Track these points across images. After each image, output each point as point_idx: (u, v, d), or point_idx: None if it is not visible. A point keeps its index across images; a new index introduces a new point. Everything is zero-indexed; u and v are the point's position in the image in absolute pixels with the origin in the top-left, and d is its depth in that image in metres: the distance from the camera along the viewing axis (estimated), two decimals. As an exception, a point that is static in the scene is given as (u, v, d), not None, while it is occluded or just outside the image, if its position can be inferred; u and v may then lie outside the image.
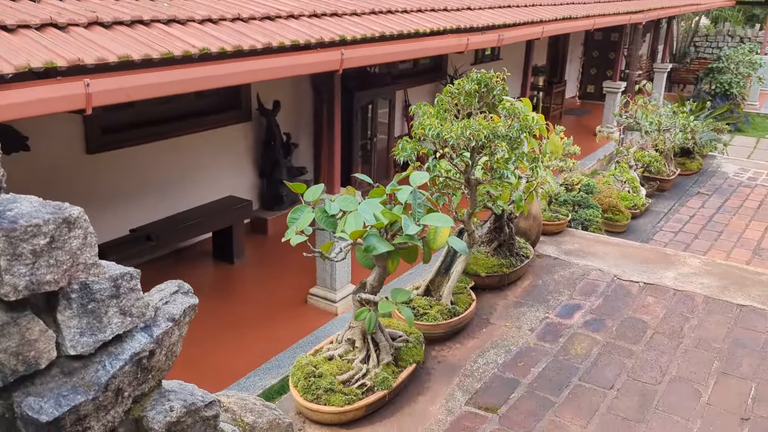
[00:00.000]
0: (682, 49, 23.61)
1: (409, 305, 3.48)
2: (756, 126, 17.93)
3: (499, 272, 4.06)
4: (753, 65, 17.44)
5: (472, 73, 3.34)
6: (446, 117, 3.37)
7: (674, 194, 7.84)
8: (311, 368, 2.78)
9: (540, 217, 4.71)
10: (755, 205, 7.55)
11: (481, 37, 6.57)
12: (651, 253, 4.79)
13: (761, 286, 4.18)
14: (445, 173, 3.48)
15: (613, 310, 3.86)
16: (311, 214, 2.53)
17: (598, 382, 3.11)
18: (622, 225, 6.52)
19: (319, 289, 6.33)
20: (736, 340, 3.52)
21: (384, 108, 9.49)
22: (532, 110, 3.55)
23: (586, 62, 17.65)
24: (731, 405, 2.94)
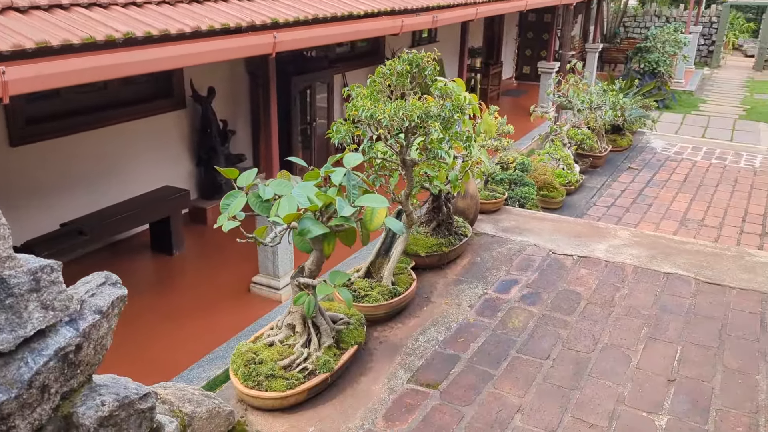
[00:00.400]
0: (613, 30, 24.29)
1: (351, 288, 3.50)
2: (682, 102, 18.69)
3: (438, 251, 4.11)
4: (678, 44, 18.10)
5: (404, 53, 3.34)
6: (380, 98, 3.38)
7: (606, 170, 8.12)
8: (251, 355, 2.76)
9: (477, 197, 4.79)
10: (681, 178, 7.90)
11: (415, 18, 6.59)
12: (584, 227, 4.94)
13: (686, 254, 4.39)
14: (381, 155, 3.49)
15: (548, 283, 3.97)
16: (243, 199, 2.50)
17: (534, 353, 3.21)
18: (557, 201, 6.71)
19: (262, 277, 6.27)
20: (663, 306, 3.69)
21: (322, 92, 9.42)
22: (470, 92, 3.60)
23: (521, 43, 17.96)
24: (659, 368, 3.08)
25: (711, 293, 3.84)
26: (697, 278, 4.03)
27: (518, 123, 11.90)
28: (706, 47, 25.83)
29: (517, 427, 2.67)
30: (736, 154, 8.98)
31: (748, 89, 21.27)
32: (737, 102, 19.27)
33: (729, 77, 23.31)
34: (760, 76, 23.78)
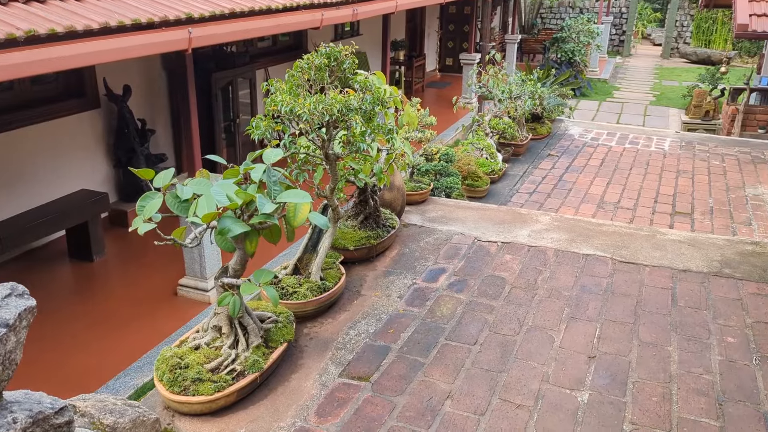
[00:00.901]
0: (530, 21, 24.99)
1: (278, 285, 3.46)
2: (598, 90, 19.49)
3: (367, 244, 4.12)
4: (591, 34, 18.84)
5: (321, 47, 3.33)
6: (299, 93, 3.34)
7: (528, 158, 8.36)
8: (176, 360, 2.69)
9: (403, 188, 4.83)
10: (598, 163, 8.23)
11: (335, 12, 6.56)
12: (507, 214, 5.08)
13: (603, 236, 4.59)
14: (304, 149, 3.46)
15: (474, 270, 4.06)
16: (159, 199, 2.42)
17: (463, 339, 3.28)
18: (482, 190, 6.86)
19: (190, 279, 6.11)
20: (582, 287, 3.84)
21: (245, 88, 9.25)
22: (395, 84, 3.63)
23: (443, 36, 18.20)
24: (580, 346, 3.21)
25: (626, 272, 4.03)
26: (613, 258, 4.22)
27: (443, 114, 12.09)
28: (617, 37, 27.00)
29: (447, 413, 2.72)
30: (648, 138, 9.44)
31: (657, 76, 22.42)
32: (648, 88, 20.28)
33: (639, 65, 24.49)
34: (668, 63, 25.11)
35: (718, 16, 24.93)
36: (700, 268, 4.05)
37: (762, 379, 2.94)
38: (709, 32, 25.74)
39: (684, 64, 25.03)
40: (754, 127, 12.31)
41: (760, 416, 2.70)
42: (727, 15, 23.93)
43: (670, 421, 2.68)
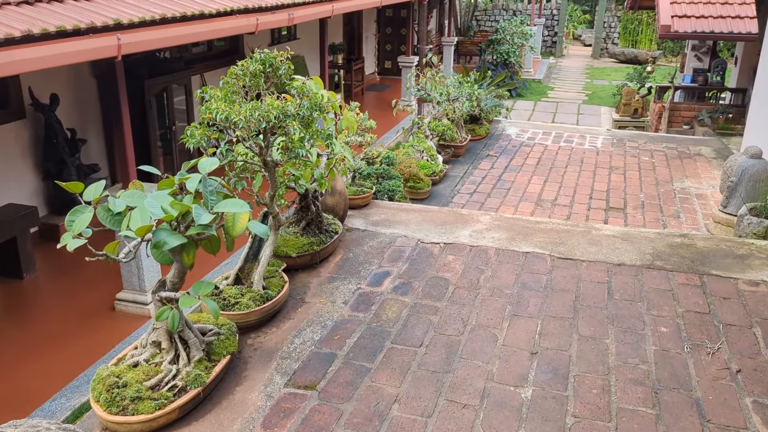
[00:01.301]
0: (466, 23, 25.44)
1: (219, 296, 3.39)
2: (533, 90, 19.98)
3: (310, 251, 4.09)
4: (525, 36, 19.31)
5: (256, 53, 3.28)
6: (235, 99, 3.29)
7: (468, 158, 8.48)
8: (114, 379, 2.59)
9: (345, 193, 4.82)
10: (535, 161, 8.44)
11: (271, 16, 6.48)
12: (449, 215, 5.14)
13: (541, 233, 4.70)
14: (242, 157, 3.41)
15: (418, 272, 4.09)
16: (90, 213, 2.33)
17: (408, 341, 3.29)
18: (424, 192, 6.91)
19: (128, 293, 5.91)
20: (523, 284, 3.92)
21: (180, 94, 9.03)
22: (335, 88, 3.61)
23: (381, 39, 18.28)
24: (522, 343, 3.28)
25: (565, 267, 4.14)
26: (552, 255, 4.33)
27: (383, 117, 12.13)
28: (549, 38, 27.77)
29: (395, 417, 2.73)
30: (581, 136, 9.75)
31: (588, 76, 23.16)
32: (580, 88, 20.93)
33: (572, 65, 25.25)
34: (598, 63, 25.98)
35: (643, 18, 25.99)
36: (634, 262, 4.20)
37: (693, 366, 3.07)
38: (635, 33, 26.79)
39: (613, 63, 25.96)
40: (680, 123, 12.88)
41: (692, 402, 2.82)
42: (652, 16, 24.99)
43: (610, 412, 2.76)
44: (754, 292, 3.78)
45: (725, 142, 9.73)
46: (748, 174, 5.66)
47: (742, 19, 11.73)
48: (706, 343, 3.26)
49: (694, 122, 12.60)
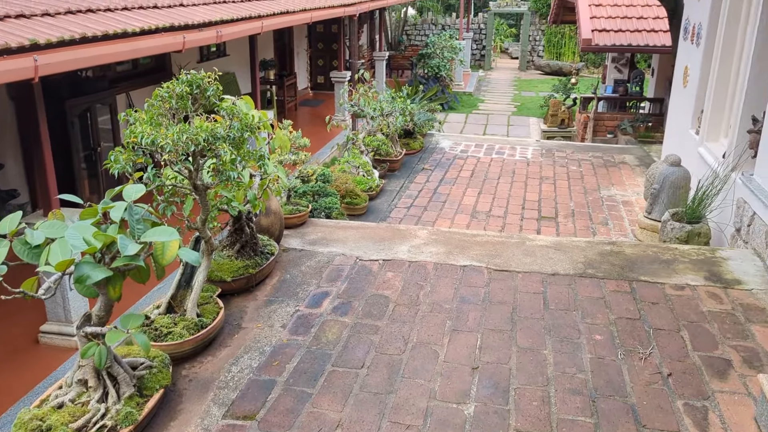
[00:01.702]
0: (396, 38, 25.74)
1: (151, 326, 3.25)
2: (464, 103, 20.39)
3: (245, 274, 3.99)
4: (454, 50, 19.71)
5: (182, 74, 3.18)
6: (162, 122, 3.18)
7: (403, 173, 8.53)
8: (37, 423, 2.43)
9: (281, 212, 4.74)
10: (469, 174, 8.57)
11: (198, 34, 6.34)
12: (387, 231, 5.13)
13: (478, 246, 4.76)
14: (170, 181, 3.29)
15: (358, 291, 4.05)
16: (5, 247, 2.18)
17: (350, 363, 3.24)
18: (361, 207, 6.90)
19: (53, 325, 5.60)
20: (462, 298, 3.95)
21: (105, 114, 8.70)
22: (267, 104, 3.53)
23: (312, 54, 18.24)
24: (463, 358, 3.29)
25: (501, 279, 4.20)
26: (488, 267, 4.38)
27: (318, 133, 12.08)
28: (478, 51, 28.47)
29: (338, 443, 2.67)
30: (512, 148, 9.98)
31: (516, 88, 23.86)
32: (509, 100, 21.51)
33: (500, 78, 25.95)
34: (525, 75, 26.81)
35: (565, 31, 27.01)
36: (567, 271, 4.30)
37: (627, 372, 3.16)
38: (559, 46, 27.82)
39: (539, 75, 26.84)
40: (604, 132, 13.41)
41: (628, 408, 2.90)
42: (573, 30, 26.01)
43: (550, 423, 2.80)
44: (679, 296, 3.93)
45: (646, 149, 10.18)
46: (669, 181, 5.92)
47: (656, 32, 12.37)
48: (638, 348, 3.36)
49: (617, 131, 13.13)
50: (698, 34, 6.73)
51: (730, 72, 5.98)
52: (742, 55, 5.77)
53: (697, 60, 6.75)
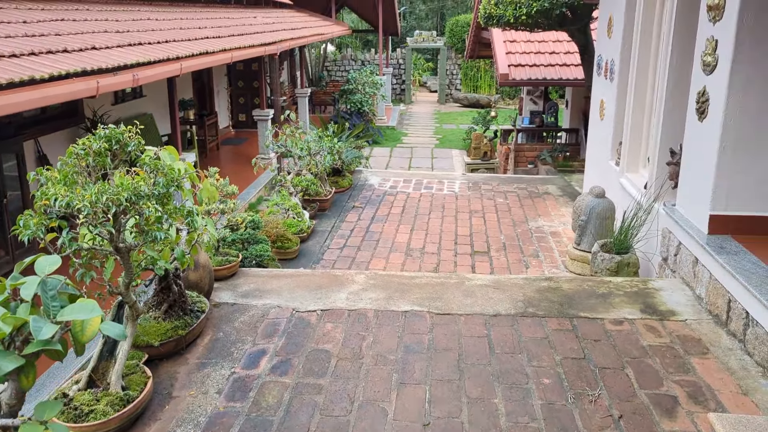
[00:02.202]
0: (317, 74, 25.84)
1: (69, 405, 2.94)
2: (388, 137, 20.58)
3: (174, 336, 3.71)
4: (376, 85, 19.95)
5: (99, 129, 2.95)
6: (77, 180, 2.92)
7: (334, 212, 8.40)
8: None
9: (210, 265, 4.49)
10: (399, 210, 8.54)
11: (113, 78, 6.04)
12: (322, 277, 4.96)
13: (417, 289, 4.67)
14: (88, 243, 3.02)
15: (296, 346, 3.85)
16: None
17: (293, 430, 3.04)
18: (292, 251, 6.69)
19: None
20: (406, 347, 3.82)
21: (11, 161, 8.13)
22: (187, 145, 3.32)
23: (233, 92, 17.97)
24: (413, 414, 3.15)
25: (444, 324, 4.11)
26: (430, 311, 4.29)
27: (242, 172, 11.79)
28: (398, 86, 28.98)
29: None
30: (440, 182, 10.06)
31: (437, 121, 24.37)
32: (431, 133, 21.91)
33: (421, 111, 26.46)
34: (445, 108, 27.47)
35: (481, 65, 27.97)
36: (508, 311, 4.27)
37: (579, 417, 3.12)
38: (475, 79, 28.75)
39: (458, 108, 27.57)
40: (524, 162, 13.81)
41: (585, 456, 2.84)
42: (489, 63, 26.97)
43: (510, 480, 2.69)
44: (619, 331, 3.97)
45: (567, 179, 10.51)
46: (595, 212, 6.08)
47: (569, 66, 12.95)
48: (587, 390, 3.33)
49: (537, 161, 13.55)
50: (611, 69, 7.04)
51: (645, 105, 6.25)
52: (655, 90, 6.05)
53: (612, 94, 7.04)
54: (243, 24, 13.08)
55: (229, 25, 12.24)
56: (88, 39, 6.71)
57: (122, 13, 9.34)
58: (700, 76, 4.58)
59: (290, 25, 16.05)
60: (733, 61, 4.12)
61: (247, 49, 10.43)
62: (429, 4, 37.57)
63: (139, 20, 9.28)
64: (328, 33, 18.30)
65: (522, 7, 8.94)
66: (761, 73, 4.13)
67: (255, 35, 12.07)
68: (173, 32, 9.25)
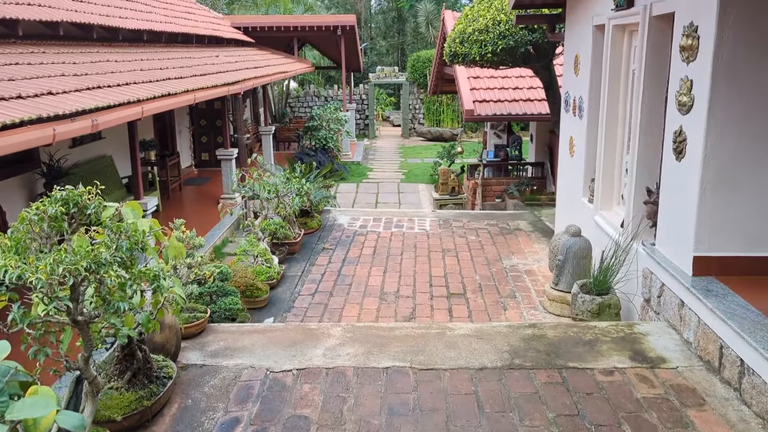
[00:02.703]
0: (280, 111, 25.73)
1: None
2: (354, 172, 20.47)
3: (139, 408, 3.41)
4: (340, 121, 19.89)
5: (56, 191, 2.70)
6: (30, 247, 2.65)
7: (304, 255, 8.15)
8: None
9: (176, 324, 4.21)
10: (371, 251, 8.34)
11: (71, 125, 5.75)
12: (296, 332, 4.71)
13: (397, 341, 4.45)
14: (42, 315, 2.73)
15: (272, 413, 3.58)
16: None
17: None
18: (262, 300, 6.42)
19: None
20: (390, 409, 3.59)
21: (-41, 212, 7.69)
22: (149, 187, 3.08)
23: (195, 131, 17.68)
24: (404, 488, 2.92)
25: (428, 381, 3.90)
26: (413, 367, 4.07)
27: (206, 213, 11.46)
28: (362, 121, 29.05)
29: None
30: (410, 220, 9.92)
31: (402, 155, 24.40)
32: (397, 167, 21.90)
33: (385, 146, 26.50)
34: (409, 142, 27.57)
35: (443, 99, 28.24)
36: (495, 363, 4.09)
37: (582, 484, 2.93)
38: (438, 113, 29.00)
39: (422, 142, 27.72)
40: (492, 196, 13.82)
41: None
42: (450, 98, 27.26)
43: None
44: (611, 382, 3.82)
45: (537, 214, 10.49)
46: (572, 252, 6.00)
47: (533, 101, 13.09)
48: (585, 452, 3.16)
49: (505, 195, 13.58)
50: (580, 107, 7.05)
51: (616, 143, 6.25)
52: (626, 127, 6.06)
53: (581, 132, 7.04)
54: (205, 64, 12.89)
55: (191, 65, 12.03)
56: (44, 83, 6.42)
57: (80, 55, 9.06)
58: (675, 116, 4.56)
59: (253, 63, 15.92)
60: (710, 101, 4.10)
61: (210, 90, 10.24)
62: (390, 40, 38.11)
63: (98, 62, 9.00)
64: (291, 71, 18.23)
65: (487, 45, 8.98)
66: (739, 111, 4.11)
67: (218, 75, 11.90)
68: (134, 74, 8.99)
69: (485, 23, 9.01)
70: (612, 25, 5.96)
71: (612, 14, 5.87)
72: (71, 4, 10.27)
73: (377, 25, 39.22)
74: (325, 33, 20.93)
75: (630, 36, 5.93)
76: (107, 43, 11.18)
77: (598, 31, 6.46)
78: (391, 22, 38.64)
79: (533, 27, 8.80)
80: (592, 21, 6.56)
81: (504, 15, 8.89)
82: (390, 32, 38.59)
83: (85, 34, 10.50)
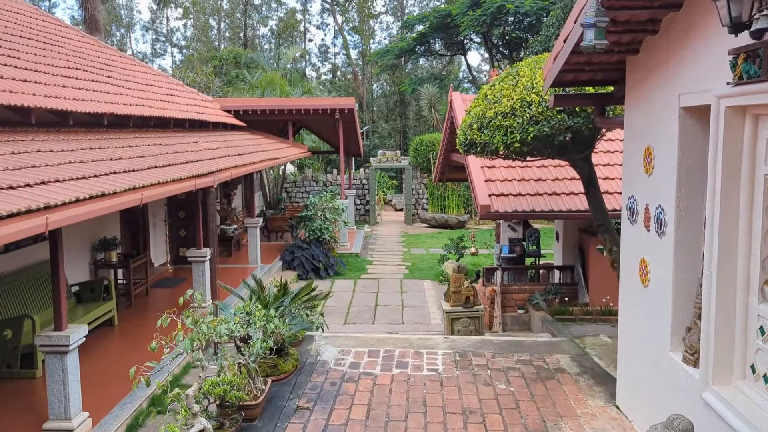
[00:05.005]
0: (276, 196, 23.95)
1: None
2: (351, 266, 18.30)
3: None
4: (337, 211, 18.01)
5: None
6: None
7: (267, 420, 5.82)
8: None
9: None
10: (363, 413, 6.03)
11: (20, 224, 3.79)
12: None
13: None
14: None
15: None
16: None
17: None
18: None
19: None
20: None
21: None
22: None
23: (173, 224, 15.67)
24: None
25: None
26: None
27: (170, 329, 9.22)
28: (362, 206, 27.21)
29: None
30: (417, 353, 7.67)
31: (405, 244, 22.31)
32: (399, 259, 19.75)
33: (387, 233, 24.44)
34: (412, 229, 25.56)
35: (448, 185, 26.48)
36: None
37: None
38: (442, 198, 27.18)
39: (426, 229, 25.74)
40: (514, 307, 11.61)
41: None
42: (456, 183, 25.49)
43: None
44: None
45: (580, 343, 8.21)
46: (677, 458, 3.77)
47: (559, 195, 11.06)
48: None
49: (529, 306, 11.37)
50: (659, 220, 4.98)
51: (736, 281, 4.10)
52: (752, 257, 3.94)
53: (663, 255, 4.94)
54: (176, 152, 10.98)
55: (156, 153, 10.12)
56: None
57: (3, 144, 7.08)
58: None
59: (239, 149, 14.12)
60: None
61: (169, 185, 8.24)
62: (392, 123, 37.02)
63: (24, 153, 7.02)
64: (283, 156, 16.48)
65: (515, 133, 7.02)
66: None
67: (187, 165, 9.97)
68: (62, 168, 6.95)
69: (511, 105, 7.08)
70: (725, 107, 3.95)
71: (727, 90, 3.88)
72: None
73: (379, 108, 38.33)
74: (322, 116, 19.37)
75: (755, 122, 3.91)
76: (52, 130, 9.29)
77: (689, 116, 4.48)
78: (393, 106, 37.71)
79: (574, 110, 6.87)
80: (678, 101, 4.59)
81: (536, 95, 6.97)
82: (392, 115, 37.59)
83: (21, 119, 8.63)
